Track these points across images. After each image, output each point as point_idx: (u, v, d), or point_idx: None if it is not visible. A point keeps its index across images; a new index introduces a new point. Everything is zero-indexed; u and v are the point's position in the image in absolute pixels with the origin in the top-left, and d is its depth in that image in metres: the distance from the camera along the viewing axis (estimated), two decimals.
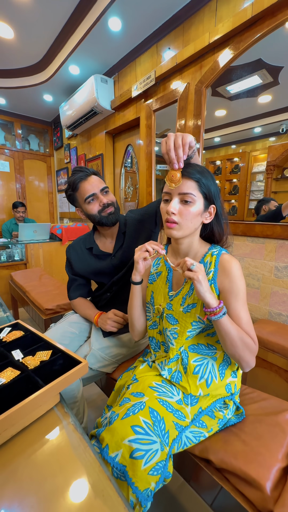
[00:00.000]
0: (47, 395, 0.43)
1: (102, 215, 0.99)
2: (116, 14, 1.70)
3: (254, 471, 0.59)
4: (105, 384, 1.14)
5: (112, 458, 0.53)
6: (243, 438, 0.68)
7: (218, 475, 0.66)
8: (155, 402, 0.65)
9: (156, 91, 1.99)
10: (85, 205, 0.99)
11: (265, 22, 1.29)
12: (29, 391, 0.43)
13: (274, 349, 1.18)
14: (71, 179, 0.98)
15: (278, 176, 1.62)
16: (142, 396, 0.67)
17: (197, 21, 1.61)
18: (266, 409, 0.77)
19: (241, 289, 0.66)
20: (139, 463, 0.52)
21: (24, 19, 1.81)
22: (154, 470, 0.53)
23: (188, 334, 0.71)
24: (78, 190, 0.97)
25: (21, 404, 0.38)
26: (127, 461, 0.53)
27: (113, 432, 0.57)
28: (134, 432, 0.56)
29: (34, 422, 0.43)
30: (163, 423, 0.62)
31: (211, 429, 0.70)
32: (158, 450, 0.56)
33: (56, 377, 0.46)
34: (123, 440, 0.55)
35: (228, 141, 1.90)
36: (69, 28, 1.89)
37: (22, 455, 0.36)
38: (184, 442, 0.66)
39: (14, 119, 3.54)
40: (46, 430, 0.41)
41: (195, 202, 0.64)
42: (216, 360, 0.73)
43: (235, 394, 0.75)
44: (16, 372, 0.49)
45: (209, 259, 0.70)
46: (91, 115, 2.51)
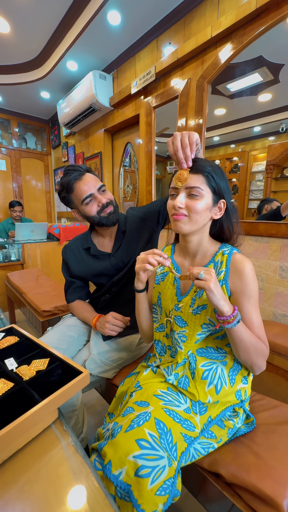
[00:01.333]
0: (44, 412, 0.38)
1: (101, 216, 0.93)
2: (115, 7, 1.65)
3: (269, 487, 0.55)
4: (105, 389, 1.09)
5: (115, 477, 0.48)
6: (255, 450, 0.63)
7: (229, 490, 0.61)
8: (161, 412, 0.60)
9: (156, 88, 1.94)
10: (82, 206, 0.93)
11: (270, 14, 1.25)
12: (24, 407, 0.38)
13: (280, 352, 1.14)
14: (64, 179, 0.91)
15: (278, 175, 1.60)
16: (147, 405, 0.62)
17: (199, 14, 1.57)
18: (277, 418, 0.72)
19: (253, 291, 0.62)
20: (145, 482, 0.47)
21: (21, 12, 1.75)
22: (161, 489, 0.48)
23: (198, 337, 0.67)
24: (74, 191, 0.91)
25: (13, 425, 0.33)
26: (132, 479, 0.48)
27: (116, 447, 0.52)
28: (139, 446, 0.51)
29: (28, 443, 0.38)
30: (170, 435, 0.57)
31: (220, 439, 0.65)
32: (165, 467, 0.51)
33: (54, 389, 0.41)
34: (128, 456, 0.50)
35: (228, 140, 1.87)
36: (67, 22, 1.84)
37: (14, 485, 0.31)
38: (192, 455, 0.61)
39: (11, 117, 3.48)
40: (42, 453, 0.36)
41: (202, 196, 0.62)
42: (225, 365, 0.68)
43: (245, 401, 0.71)
44: (9, 384, 0.44)
45: (220, 258, 0.66)
46: (89, 112, 2.46)
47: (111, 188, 2.80)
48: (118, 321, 0.93)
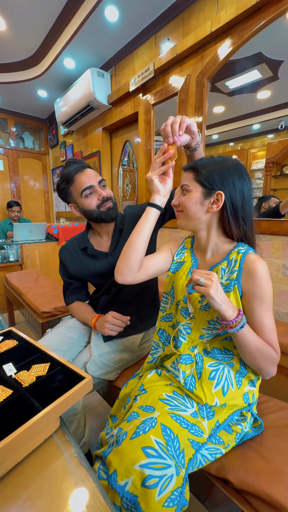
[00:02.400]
0: (45, 421, 0.35)
1: (101, 210, 0.91)
2: (113, 2, 1.63)
3: (280, 493, 0.53)
4: (107, 391, 1.07)
5: (121, 487, 0.46)
6: (264, 455, 0.61)
7: (238, 497, 0.59)
8: (167, 417, 0.58)
9: (155, 85, 1.92)
10: (81, 199, 0.90)
11: (271, 7, 1.23)
12: (23, 416, 0.35)
13: (284, 351, 1.12)
14: (65, 171, 0.89)
15: (277, 173, 1.58)
16: (153, 410, 0.60)
17: (198, 9, 1.54)
18: (286, 420, 0.70)
19: (266, 294, 0.60)
20: (153, 493, 0.45)
21: (17, 9, 1.72)
22: (170, 500, 0.46)
23: (203, 332, 0.66)
24: (74, 183, 0.89)
25: (12, 436, 0.31)
26: (139, 490, 0.46)
27: (121, 455, 0.50)
28: (146, 455, 0.49)
29: (28, 455, 0.35)
30: (178, 441, 0.55)
31: (228, 444, 0.63)
32: (173, 476, 0.49)
33: (56, 396, 0.39)
34: (134, 465, 0.48)
35: (227, 138, 1.85)
36: (63, 19, 1.81)
37: (15, 503, 0.29)
38: (200, 461, 0.59)
39: (8, 116, 3.44)
40: (43, 466, 0.34)
41: (190, 191, 0.65)
42: (232, 367, 0.66)
43: (253, 405, 0.69)
44: (7, 391, 0.42)
45: (235, 257, 0.64)
46: (87, 110, 2.43)
47: (110, 187, 2.77)
48: (118, 321, 0.90)
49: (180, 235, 1.94)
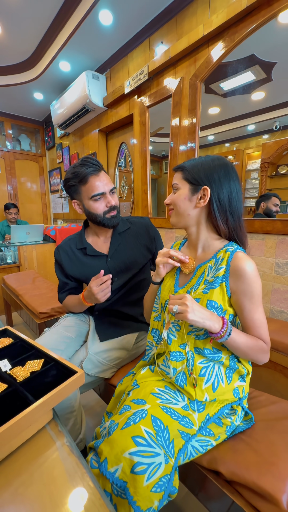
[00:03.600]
0: (38, 413, 0.37)
1: (105, 217, 0.93)
2: (107, 6, 1.65)
3: (268, 484, 0.54)
4: (104, 390, 1.08)
5: (111, 474, 0.48)
6: (254, 447, 0.63)
7: (229, 488, 0.60)
8: (157, 409, 0.59)
9: (149, 87, 1.94)
10: (89, 201, 0.91)
11: (261, 12, 1.25)
12: (17, 408, 0.37)
13: (278, 348, 1.14)
14: (80, 170, 0.88)
15: (273, 173, 1.61)
16: (144, 403, 0.61)
17: (190, 13, 1.57)
18: (276, 414, 0.72)
19: (255, 291, 0.62)
20: (141, 479, 0.47)
21: (12, 13, 1.74)
22: (157, 486, 0.48)
23: (190, 328, 0.67)
24: (87, 184, 0.89)
25: (5, 427, 0.32)
26: (128, 476, 0.47)
27: (112, 444, 0.52)
28: (135, 443, 0.51)
29: (22, 445, 0.37)
30: (167, 432, 0.57)
31: (219, 437, 0.65)
32: (161, 463, 0.51)
33: (49, 390, 0.41)
34: (123, 453, 0.49)
35: (222, 139, 1.87)
36: (58, 22, 1.83)
37: (8, 489, 0.30)
38: (190, 452, 0.61)
39: (4, 119, 3.45)
40: (36, 455, 0.35)
41: (178, 189, 0.69)
42: (222, 364, 0.68)
43: (243, 399, 0.70)
44: (2, 386, 0.43)
45: (222, 255, 0.66)
46: (83, 113, 2.45)
47: None
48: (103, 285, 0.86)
49: (176, 235, 1.96)
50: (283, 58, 1.38)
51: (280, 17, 1.22)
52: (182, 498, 0.95)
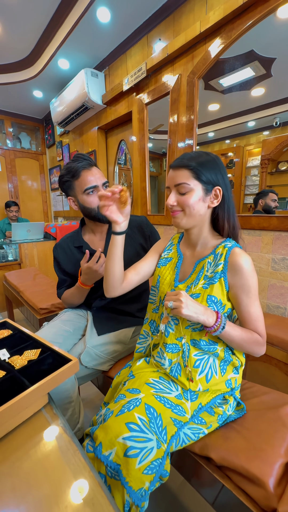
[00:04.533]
0: (34, 397, 0.39)
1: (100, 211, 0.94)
2: (105, 4, 1.65)
3: (256, 468, 0.57)
4: (102, 383, 1.11)
5: (105, 457, 0.51)
6: (244, 435, 0.65)
7: (219, 473, 0.63)
8: (151, 398, 0.62)
9: (147, 84, 1.95)
10: (83, 195, 0.93)
11: (257, 8, 1.26)
12: (15, 392, 0.39)
13: (273, 342, 1.16)
14: (72, 165, 0.91)
15: (273, 170, 1.61)
16: (138, 392, 0.64)
17: (188, 10, 1.57)
18: (267, 404, 0.74)
19: (252, 286, 0.64)
20: (133, 462, 0.50)
21: (10, 12, 1.75)
22: (149, 469, 0.51)
23: (189, 323, 0.69)
24: (79, 178, 0.92)
25: (3, 407, 0.35)
26: (121, 459, 0.50)
27: (107, 430, 0.55)
28: (129, 429, 0.54)
29: (19, 425, 0.40)
30: (160, 419, 0.59)
31: (211, 425, 0.67)
32: (153, 448, 0.54)
33: (44, 376, 0.43)
34: (117, 438, 0.52)
35: (222, 136, 1.88)
36: (56, 20, 1.84)
37: (5, 463, 0.33)
38: (183, 439, 0.63)
39: (4, 117, 3.47)
40: (32, 434, 0.38)
41: (191, 190, 0.64)
42: (217, 356, 0.71)
43: (236, 389, 0.73)
44: (1, 372, 0.46)
45: (221, 251, 0.68)
46: (82, 110, 2.46)
47: None
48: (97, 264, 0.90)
49: (175, 232, 1.98)
50: (283, 54, 1.37)
51: (278, 12, 1.22)
52: (178, 487, 0.98)
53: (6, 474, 0.32)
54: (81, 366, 0.96)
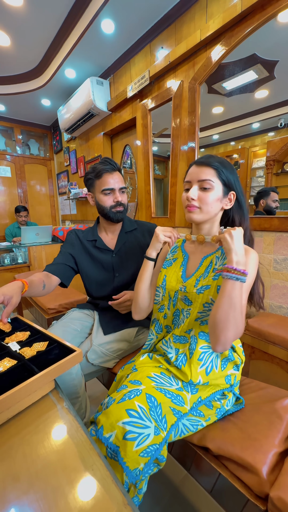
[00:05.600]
0: (42, 381, 0.44)
1: (111, 210, 1.04)
2: (109, 16, 1.73)
3: (250, 456, 0.60)
4: (108, 380, 1.16)
5: (106, 438, 0.55)
6: (240, 426, 0.68)
7: (216, 462, 0.66)
8: (152, 389, 0.66)
9: (151, 91, 2.01)
10: (100, 194, 1.03)
11: (255, 16, 1.29)
12: (25, 378, 0.44)
13: (275, 341, 1.18)
14: (98, 166, 1.01)
15: (278, 170, 1.62)
16: (140, 384, 0.67)
17: (188, 19, 1.62)
18: (263, 398, 0.77)
19: (250, 274, 0.66)
20: (131, 445, 0.54)
21: (20, 26, 1.85)
22: (145, 452, 0.55)
23: (199, 315, 0.72)
24: (101, 179, 1.01)
25: (16, 389, 0.40)
26: (120, 442, 0.54)
27: (108, 415, 0.59)
28: (129, 415, 0.57)
29: (29, 406, 0.45)
30: (160, 408, 0.63)
31: (209, 418, 0.70)
32: (150, 434, 0.57)
33: (51, 365, 0.48)
34: (117, 422, 0.56)
35: (227, 138, 1.90)
36: (63, 33, 1.92)
37: (17, 435, 0.38)
38: (181, 430, 0.66)
39: (14, 125, 3.60)
40: (41, 413, 0.43)
41: (213, 188, 0.68)
42: (221, 353, 0.74)
43: (235, 386, 0.76)
44: (13, 361, 0.51)
45: None
46: (88, 117, 2.54)
47: None
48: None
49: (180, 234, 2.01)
50: (285, 56, 1.40)
51: (279, 17, 1.25)
52: (180, 481, 1.01)
53: (18, 444, 0.37)
54: (88, 363, 1.00)
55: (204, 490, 0.70)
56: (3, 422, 0.41)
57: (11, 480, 0.32)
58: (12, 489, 0.31)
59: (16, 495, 0.30)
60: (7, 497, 0.30)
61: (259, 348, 1.23)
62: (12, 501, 0.29)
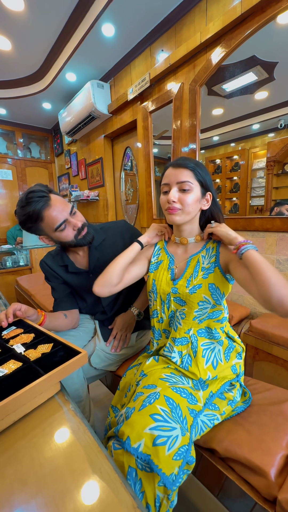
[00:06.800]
0: (47, 383, 0.44)
1: (78, 239, 0.89)
2: (109, 20, 1.74)
3: (258, 458, 0.59)
4: (111, 382, 1.15)
5: (135, 449, 0.52)
6: (247, 428, 0.68)
7: (223, 464, 0.66)
8: (169, 390, 0.65)
9: (151, 93, 2.02)
10: (55, 233, 0.85)
11: (255, 18, 1.30)
12: (30, 380, 0.44)
13: (279, 342, 1.17)
14: (29, 209, 0.79)
15: (279, 171, 1.62)
16: (155, 387, 0.66)
17: (188, 21, 1.63)
18: (270, 399, 0.76)
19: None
20: (163, 449, 0.52)
21: (21, 30, 1.86)
22: (177, 455, 0.53)
23: (195, 314, 0.73)
24: (44, 220, 0.82)
25: (21, 391, 0.40)
26: (151, 449, 0.52)
27: (132, 425, 0.56)
28: (154, 420, 0.56)
29: (35, 409, 0.45)
30: (179, 409, 0.62)
31: (224, 411, 0.70)
32: (178, 436, 0.56)
33: (56, 367, 0.48)
34: (144, 429, 0.54)
35: (227, 139, 1.91)
36: (64, 37, 1.94)
37: (24, 438, 0.38)
38: (201, 427, 0.65)
39: (15, 128, 3.62)
40: (47, 415, 0.43)
41: (192, 189, 0.69)
42: (222, 344, 0.75)
43: (241, 375, 0.77)
44: (18, 363, 0.51)
45: (211, 246, 0.75)
46: (89, 120, 2.55)
47: (112, 191, 2.88)
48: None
49: None
50: (285, 57, 1.41)
51: (279, 18, 1.26)
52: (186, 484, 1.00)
53: (25, 447, 0.36)
54: (91, 367, 0.99)
55: (210, 493, 0.70)
56: (9, 424, 0.41)
57: (19, 484, 0.31)
58: (20, 493, 0.30)
59: (24, 499, 0.30)
60: (16, 501, 0.30)
61: (263, 349, 1.22)
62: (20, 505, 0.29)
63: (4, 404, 0.37)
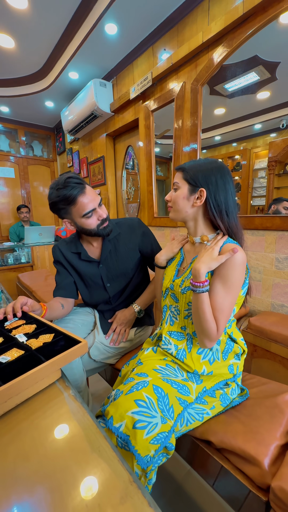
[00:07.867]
0: (48, 370, 0.46)
1: (99, 229, 0.95)
2: (112, 19, 1.75)
3: (252, 448, 0.61)
4: (111, 376, 1.17)
5: (116, 428, 0.57)
6: (242, 420, 0.69)
7: (218, 455, 0.67)
8: (159, 381, 0.67)
9: (153, 92, 2.03)
10: (81, 219, 0.92)
11: (257, 18, 1.31)
12: (32, 366, 0.46)
13: (277, 339, 1.19)
14: (65, 192, 0.86)
15: (280, 171, 1.63)
16: (146, 376, 0.69)
17: (191, 21, 1.65)
18: (265, 392, 0.78)
19: (230, 278, 0.65)
20: (141, 433, 0.56)
21: (24, 29, 1.88)
22: (155, 439, 0.57)
23: (186, 313, 0.76)
24: (76, 205, 0.89)
25: (24, 376, 0.41)
26: (130, 431, 0.56)
27: (117, 406, 0.61)
28: (137, 405, 0.59)
29: (37, 393, 0.47)
30: (167, 398, 0.64)
31: (213, 406, 0.71)
32: (158, 423, 0.59)
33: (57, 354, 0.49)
34: (127, 412, 0.58)
35: (229, 139, 1.91)
36: (67, 36, 1.96)
37: (26, 420, 0.40)
38: (187, 419, 0.67)
39: (18, 127, 3.64)
40: (48, 400, 0.45)
41: (179, 188, 0.75)
42: (219, 344, 0.75)
43: (237, 376, 0.78)
44: (20, 352, 0.52)
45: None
46: (91, 118, 2.57)
47: (114, 190, 2.90)
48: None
49: (181, 233, 2.03)
50: (287, 57, 1.41)
51: (281, 18, 1.26)
52: (183, 477, 1.02)
53: (27, 429, 0.38)
54: (90, 359, 1.01)
55: (207, 485, 0.71)
56: (12, 407, 0.43)
57: (22, 460, 0.33)
58: (23, 468, 0.32)
59: (26, 474, 0.32)
60: (18, 475, 0.31)
61: (261, 346, 1.23)
62: (23, 479, 0.31)
63: (7, 387, 0.39)
